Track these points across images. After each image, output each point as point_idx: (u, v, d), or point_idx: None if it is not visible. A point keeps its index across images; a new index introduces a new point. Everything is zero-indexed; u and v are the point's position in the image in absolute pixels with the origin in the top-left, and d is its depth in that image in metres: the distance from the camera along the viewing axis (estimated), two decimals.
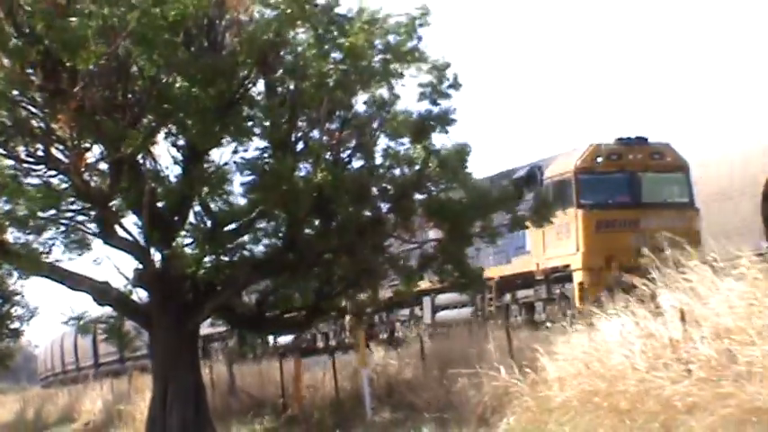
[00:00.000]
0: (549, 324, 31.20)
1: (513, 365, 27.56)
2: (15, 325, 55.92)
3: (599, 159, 37.37)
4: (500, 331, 31.72)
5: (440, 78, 32.25)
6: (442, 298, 42.92)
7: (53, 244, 32.68)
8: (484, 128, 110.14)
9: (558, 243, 37.56)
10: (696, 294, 23.94)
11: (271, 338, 48.17)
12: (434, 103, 32.57)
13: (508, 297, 40.31)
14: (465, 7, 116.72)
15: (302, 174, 31.27)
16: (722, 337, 22.65)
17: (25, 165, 30.88)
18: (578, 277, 36.20)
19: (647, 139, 38.49)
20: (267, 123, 31.19)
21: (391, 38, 31.40)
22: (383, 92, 32.06)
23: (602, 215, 37.14)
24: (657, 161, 38.15)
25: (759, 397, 20.83)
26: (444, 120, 32.49)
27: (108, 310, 36.30)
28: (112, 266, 33.23)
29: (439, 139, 32.98)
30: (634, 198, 38.09)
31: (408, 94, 32.58)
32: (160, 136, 31.51)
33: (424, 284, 39.41)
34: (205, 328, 43.09)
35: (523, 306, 39.25)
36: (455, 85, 32.46)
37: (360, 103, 32.21)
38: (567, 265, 36.66)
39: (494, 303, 40.01)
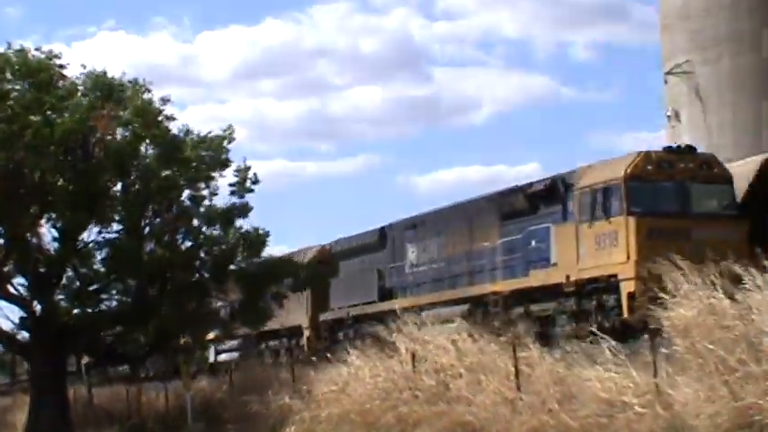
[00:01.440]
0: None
1: (294, 390, 27.50)
2: None
3: (649, 167, 29.37)
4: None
5: (243, 178, 32.97)
6: (430, 314, 31.29)
7: None
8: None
9: (600, 253, 28.97)
10: (423, 341, 24.35)
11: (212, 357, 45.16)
12: (241, 197, 32.96)
13: (520, 310, 30.82)
14: None
15: (147, 250, 32.02)
16: (440, 371, 23.18)
17: None
18: (629, 287, 27.58)
19: (695, 149, 30.70)
20: (123, 213, 31.80)
21: (211, 152, 32.00)
22: (204, 192, 32.70)
23: (654, 223, 28.74)
24: (706, 172, 30.00)
25: (464, 414, 21.47)
26: (245, 209, 33.03)
27: None
28: (3, 314, 33.77)
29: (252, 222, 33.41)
30: (685, 208, 29.66)
31: (223, 191, 33.08)
32: (43, 220, 31.85)
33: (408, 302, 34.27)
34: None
35: (537, 320, 30.19)
36: (255, 181, 33.07)
37: (186, 199, 32.71)
38: (613, 275, 28.21)
39: (499, 318, 29.88)
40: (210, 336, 39.11)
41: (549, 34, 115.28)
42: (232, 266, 33.38)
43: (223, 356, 44.84)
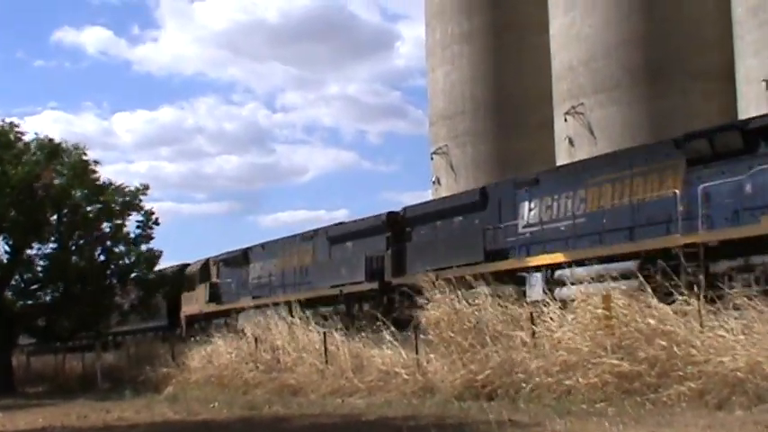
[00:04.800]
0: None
1: (174, 360, 27.25)
2: None
3: None
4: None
5: (148, 218, 32.63)
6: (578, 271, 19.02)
7: None
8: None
9: None
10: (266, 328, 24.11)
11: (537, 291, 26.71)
12: (144, 230, 32.45)
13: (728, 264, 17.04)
14: None
15: (73, 262, 31.45)
16: (275, 349, 23.11)
17: None
18: None
19: None
20: (57, 236, 31.29)
21: (127, 198, 31.72)
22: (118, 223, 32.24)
23: None
24: None
25: (289, 379, 21.57)
26: (148, 238, 32.63)
27: None
28: None
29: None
30: None
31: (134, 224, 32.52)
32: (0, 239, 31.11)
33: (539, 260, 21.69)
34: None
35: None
36: (156, 222, 32.72)
37: (106, 228, 32.23)
38: None
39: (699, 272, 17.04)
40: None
41: (352, 124, 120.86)
42: (133, 275, 32.97)
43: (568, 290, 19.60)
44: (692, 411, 12.94)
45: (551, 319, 16.39)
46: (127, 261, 32.49)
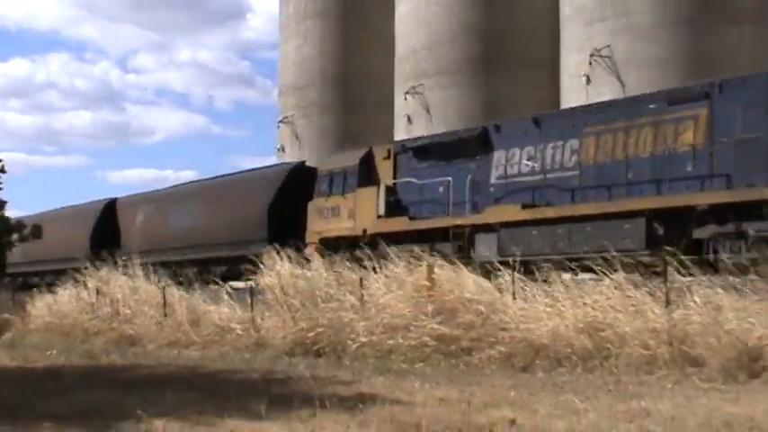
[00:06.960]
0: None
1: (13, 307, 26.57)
2: None
3: None
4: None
5: None
6: None
7: None
8: None
9: None
10: (104, 281, 23.81)
11: None
12: None
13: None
14: None
15: None
16: (114, 302, 22.61)
17: None
18: None
19: None
20: None
21: None
22: None
23: None
24: None
25: (128, 330, 21.54)
26: None
27: None
28: None
29: None
30: None
31: None
32: None
33: None
34: None
35: None
36: (3, 170, 31.57)
37: None
38: None
39: None
40: None
41: (203, 91, 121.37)
42: None
43: None
44: (500, 373, 13.78)
45: (376, 282, 17.02)
46: None
